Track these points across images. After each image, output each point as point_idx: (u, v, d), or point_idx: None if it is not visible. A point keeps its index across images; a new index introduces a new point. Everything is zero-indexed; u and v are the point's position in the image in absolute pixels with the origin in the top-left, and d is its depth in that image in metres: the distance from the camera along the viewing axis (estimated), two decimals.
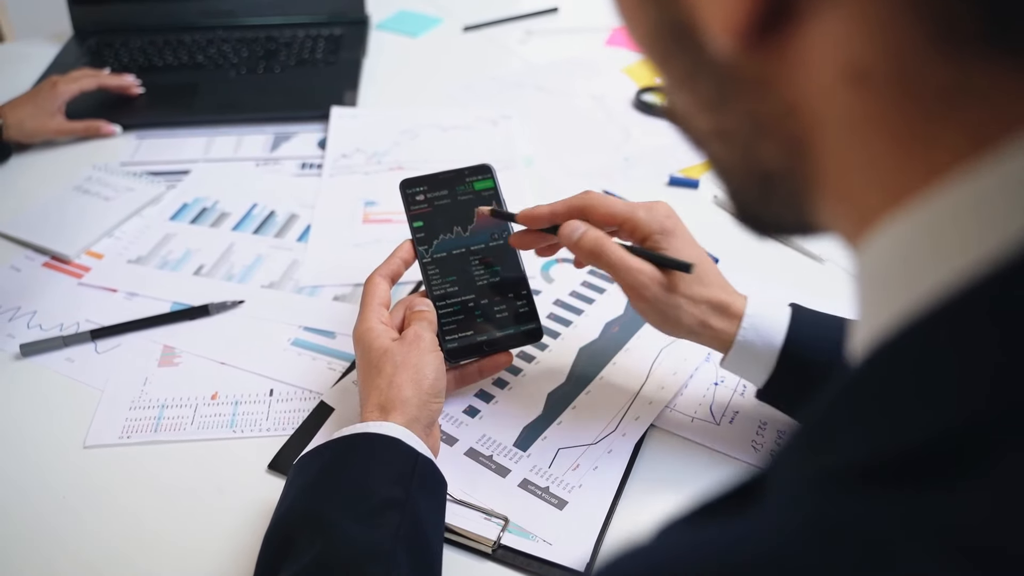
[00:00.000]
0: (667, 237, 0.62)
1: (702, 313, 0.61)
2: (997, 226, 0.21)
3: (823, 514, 0.21)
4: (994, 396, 0.20)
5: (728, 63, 0.26)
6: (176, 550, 0.61)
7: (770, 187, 0.29)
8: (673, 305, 0.61)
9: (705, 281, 0.62)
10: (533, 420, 0.69)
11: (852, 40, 0.22)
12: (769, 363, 0.61)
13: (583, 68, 1.23)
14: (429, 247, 0.70)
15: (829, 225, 0.28)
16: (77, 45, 1.26)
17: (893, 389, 0.22)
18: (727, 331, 0.61)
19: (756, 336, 0.61)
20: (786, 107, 0.25)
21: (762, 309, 0.61)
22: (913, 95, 0.22)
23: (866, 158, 0.24)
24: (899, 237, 0.24)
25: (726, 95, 0.27)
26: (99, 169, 1.02)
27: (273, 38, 1.26)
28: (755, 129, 0.27)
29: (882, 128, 0.23)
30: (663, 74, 0.30)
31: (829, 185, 0.26)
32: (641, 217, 0.62)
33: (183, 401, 0.72)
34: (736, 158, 0.29)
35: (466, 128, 1.08)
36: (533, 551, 0.59)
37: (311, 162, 1.04)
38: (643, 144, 1.04)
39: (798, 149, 0.26)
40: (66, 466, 0.67)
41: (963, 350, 0.21)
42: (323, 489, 0.55)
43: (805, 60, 0.24)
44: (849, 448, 0.22)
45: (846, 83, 0.23)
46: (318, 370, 0.75)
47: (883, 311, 0.24)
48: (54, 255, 0.89)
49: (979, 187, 0.21)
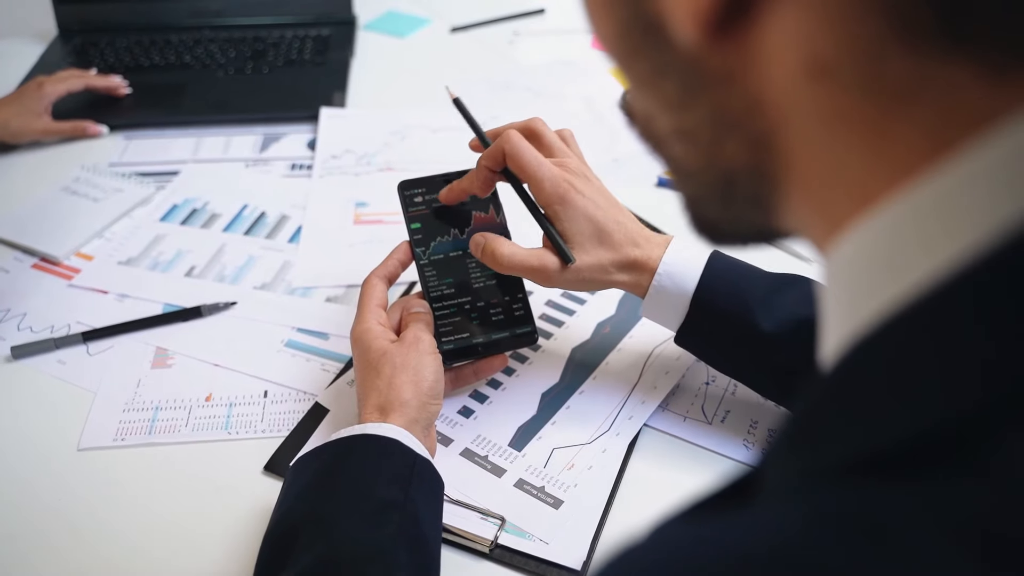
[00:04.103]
0: (564, 206, 0.64)
1: (608, 275, 0.65)
2: (964, 224, 0.21)
3: (827, 506, 0.21)
4: (986, 384, 0.20)
5: (693, 57, 0.26)
6: (173, 552, 0.61)
7: (733, 188, 0.29)
8: (574, 280, 0.65)
9: (608, 242, 0.64)
10: (527, 420, 0.69)
11: (813, 33, 0.22)
12: (682, 309, 0.64)
13: (571, 70, 1.24)
14: (426, 249, 0.71)
15: (795, 228, 0.28)
16: (62, 44, 1.25)
17: (881, 382, 0.22)
18: (641, 283, 0.65)
19: (670, 282, 0.64)
20: (751, 102, 0.25)
21: (679, 256, 0.64)
22: (874, 89, 0.22)
23: (831, 154, 0.24)
24: (867, 240, 0.24)
25: (692, 91, 0.27)
26: (87, 170, 1.01)
27: (261, 38, 1.25)
28: (720, 126, 0.27)
29: (846, 123, 0.23)
30: (627, 73, 0.30)
31: (795, 183, 0.26)
32: (543, 182, 0.64)
33: (177, 403, 0.72)
34: (699, 158, 0.29)
35: (456, 129, 1.08)
36: (530, 550, 0.60)
37: (301, 163, 1.04)
38: (631, 145, 1.05)
39: (763, 146, 0.26)
40: (60, 469, 0.67)
41: (950, 341, 0.21)
42: (323, 490, 0.56)
43: (768, 53, 0.24)
44: (844, 442, 0.22)
45: (808, 77, 0.23)
46: (312, 371, 0.75)
47: (856, 313, 0.24)
48: (43, 256, 0.89)
49: (941, 188, 0.22)
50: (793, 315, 0.61)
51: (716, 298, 0.63)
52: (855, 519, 0.20)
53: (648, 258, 0.64)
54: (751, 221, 0.30)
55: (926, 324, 0.22)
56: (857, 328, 0.24)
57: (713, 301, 0.63)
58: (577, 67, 1.24)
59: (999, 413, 0.20)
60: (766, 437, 0.68)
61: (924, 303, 0.22)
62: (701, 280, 0.63)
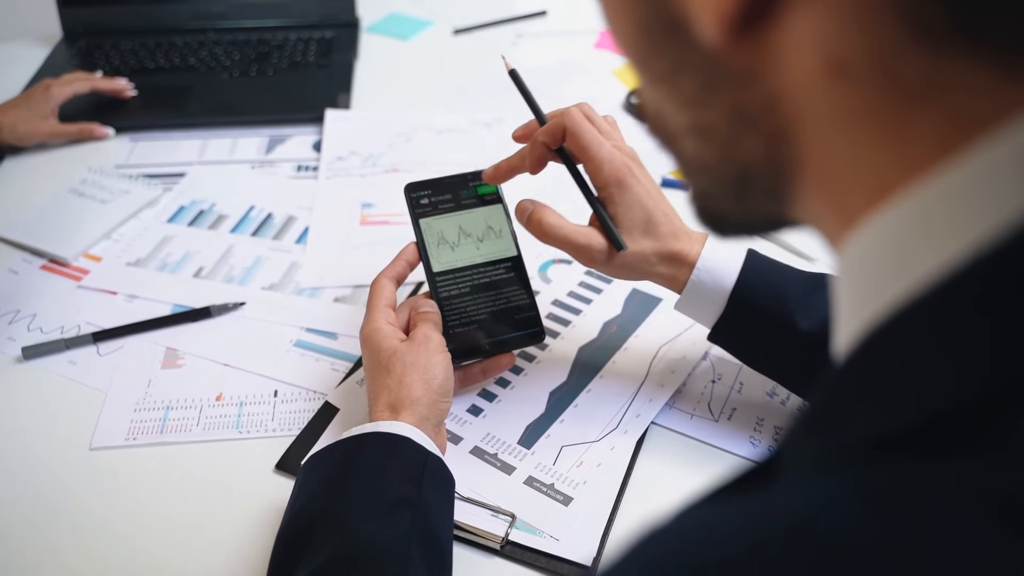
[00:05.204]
0: (621, 190, 0.64)
1: (650, 265, 0.65)
2: (972, 219, 0.22)
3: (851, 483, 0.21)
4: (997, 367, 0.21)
5: (715, 55, 0.26)
6: (185, 551, 0.62)
7: (748, 182, 0.29)
8: (618, 265, 0.65)
9: (654, 232, 0.64)
10: (536, 418, 0.70)
11: (831, 33, 0.23)
12: (719, 304, 0.64)
13: (574, 71, 1.24)
14: (434, 249, 0.71)
15: (808, 220, 0.29)
16: (67, 47, 1.26)
17: (895, 368, 0.23)
18: (678, 277, 0.65)
19: (709, 278, 0.64)
20: (770, 99, 0.26)
21: (718, 252, 0.64)
22: (890, 88, 0.23)
23: (847, 150, 0.25)
24: (880, 235, 0.24)
25: (711, 88, 0.28)
26: (94, 171, 1.02)
27: (265, 40, 1.26)
28: (738, 122, 0.28)
29: (861, 120, 0.24)
30: (643, 71, 0.31)
31: (810, 178, 0.27)
32: (602, 164, 0.64)
33: (188, 402, 0.73)
34: (714, 154, 0.30)
35: (460, 131, 1.10)
36: (540, 547, 0.60)
37: (306, 164, 1.05)
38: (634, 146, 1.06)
39: (780, 141, 0.27)
40: (73, 468, 0.68)
41: (961, 329, 0.22)
42: (336, 488, 0.56)
43: (788, 52, 0.24)
44: (864, 423, 0.23)
45: (827, 75, 0.24)
46: (321, 371, 0.76)
47: (869, 305, 0.25)
48: (52, 258, 0.89)
49: (950, 184, 0.22)
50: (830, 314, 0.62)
51: (755, 295, 0.63)
52: (882, 494, 0.21)
53: (688, 252, 0.64)
54: (763, 212, 0.31)
55: (937, 313, 0.22)
56: (870, 319, 0.24)
57: (752, 298, 0.63)
58: (579, 68, 1.25)
59: (1013, 394, 0.21)
60: (772, 434, 0.69)
61: (934, 294, 0.22)
62: (740, 276, 0.63)
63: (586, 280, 0.84)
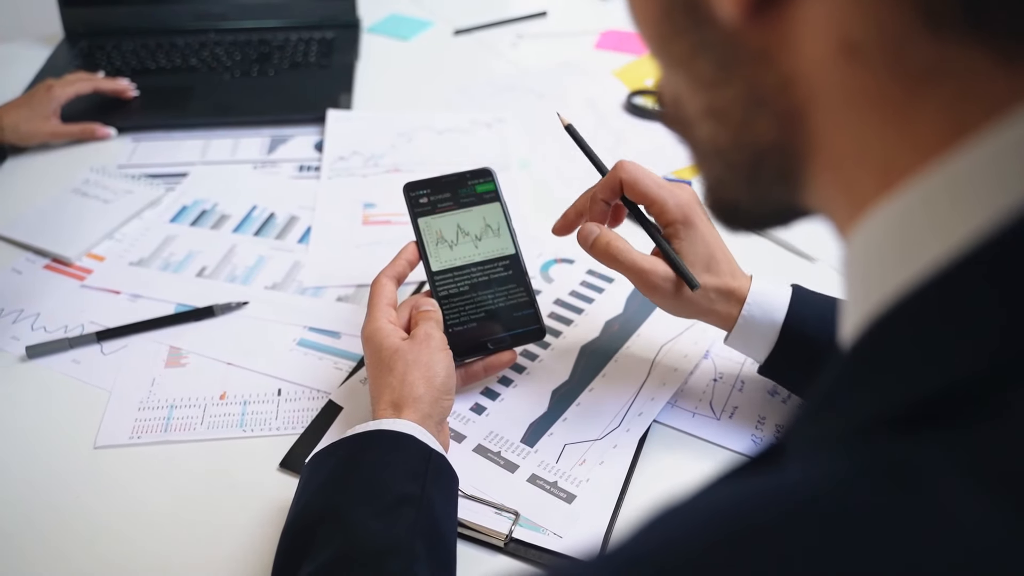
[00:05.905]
0: (687, 228, 0.65)
1: (709, 302, 0.65)
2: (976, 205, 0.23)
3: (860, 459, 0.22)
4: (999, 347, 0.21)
5: (731, 35, 0.27)
6: (190, 549, 0.62)
7: (761, 166, 0.30)
8: (680, 299, 0.65)
9: (716, 270, 0.65)
10: (539, 417, 0.70)
11: (845, 15, 0.24)
12: (771, 339, 0.65)
13: (574, 71, 1.25)
14: (434, 248, 0.72)
15: (819, 207, 0.30)
16: (68, 48, 1.26)
17: (899, 350, 0.24)
18: (731, 313, 0.65)
19: (760, 313, 0.64)
20: (784, 79, 0.27)
21: (765, 287, 0.65)
22: (899, 71, 0.24)
23: (857, 132, 0.26)
24: (887, 222, 0.25)
25: (727, 69, 0.29)
26: (97, 171, 1.02)
27: (266, 41, 1.26)
28: (752, 104, 0.29)
29: (872, 102, 0.25)
30: (663, 56, 0.32)
31: (822, 161, 0.28)
32: (667, 203, 0.65)
33: (192, 401, 0.73)
34: (728, 137, 0.31)
35: (461, 131, 1.10)
36: (544, 544, 0.61)
37: (308, 164, 1.05)
38: (635, 147, 1.06)
39: (794, 123, 0.27)
40: (77, 467, 0.68)
41: (965, 311, 0.22)
42: (340, 485, 0.57)
43: (803, 32, 0.25)
44: (869, 402, 0.24)
45: (840, 56, 0.25)
46: (325, 370, 0.76)
47: (875, 292, 0.25)
48: (55, 257, 0.89)
49: (956, 170, 0.23)
50: None
51: (805, 327, 0.64)
52: (890, 468, 0.21)
53: (739, 288, 0.65)
54: (776, 199, 0.32)
55: (942, 297, 0.23)
56: (877, 306, 0.25)
57: (802, 330, 0.64)
58: (579, 69, 1.25)
59: (1013, 372, 0.21)
60: (774, 432, 0.69)
61: (939, 279, 0.23)
62: (790, 309, 0.64)
63: (588, 279, 0.85)
